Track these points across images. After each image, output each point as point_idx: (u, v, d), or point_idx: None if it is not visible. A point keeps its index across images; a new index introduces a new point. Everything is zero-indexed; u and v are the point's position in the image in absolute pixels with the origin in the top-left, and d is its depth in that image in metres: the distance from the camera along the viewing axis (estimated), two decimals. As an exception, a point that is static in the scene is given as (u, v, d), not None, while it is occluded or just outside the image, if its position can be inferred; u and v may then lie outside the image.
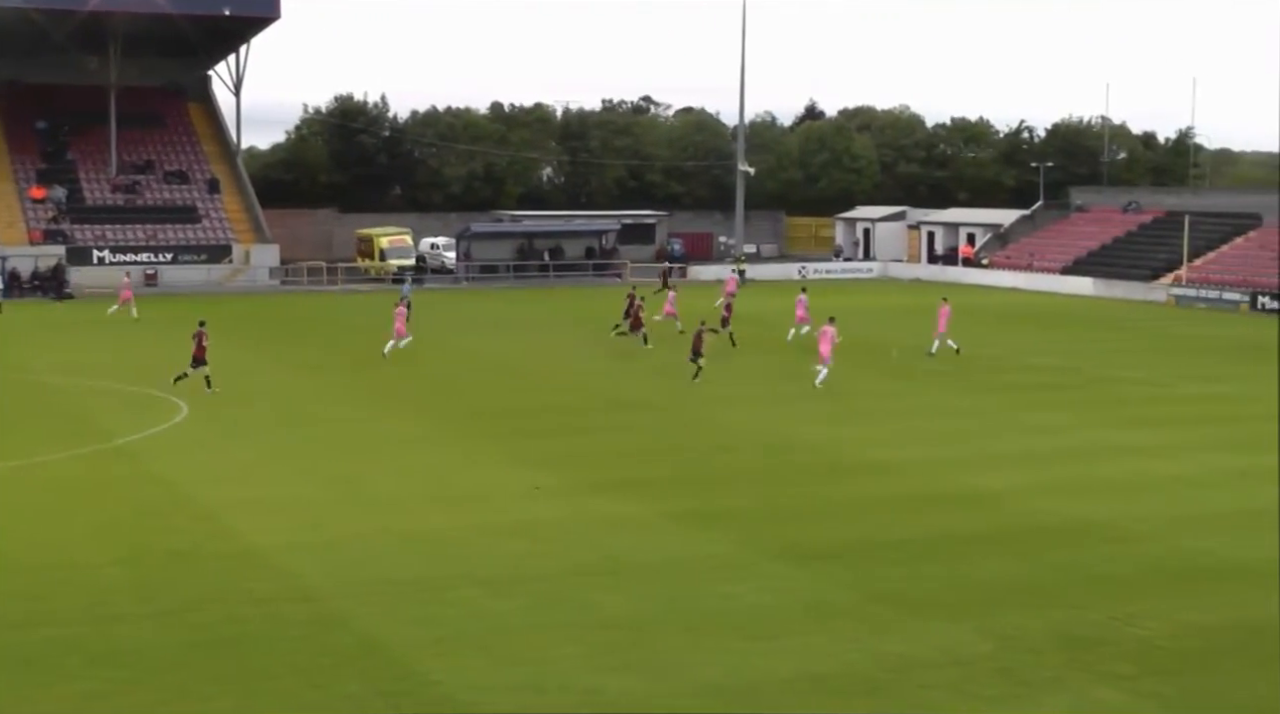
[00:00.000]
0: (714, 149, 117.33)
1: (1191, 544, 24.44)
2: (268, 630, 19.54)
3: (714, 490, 28.65)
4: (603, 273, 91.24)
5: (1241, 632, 19.62)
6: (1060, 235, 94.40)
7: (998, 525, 25.76)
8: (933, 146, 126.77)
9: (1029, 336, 56.83)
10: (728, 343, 50.65)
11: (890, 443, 33.95)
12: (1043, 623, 19.90)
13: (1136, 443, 34.27)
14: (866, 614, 20.28)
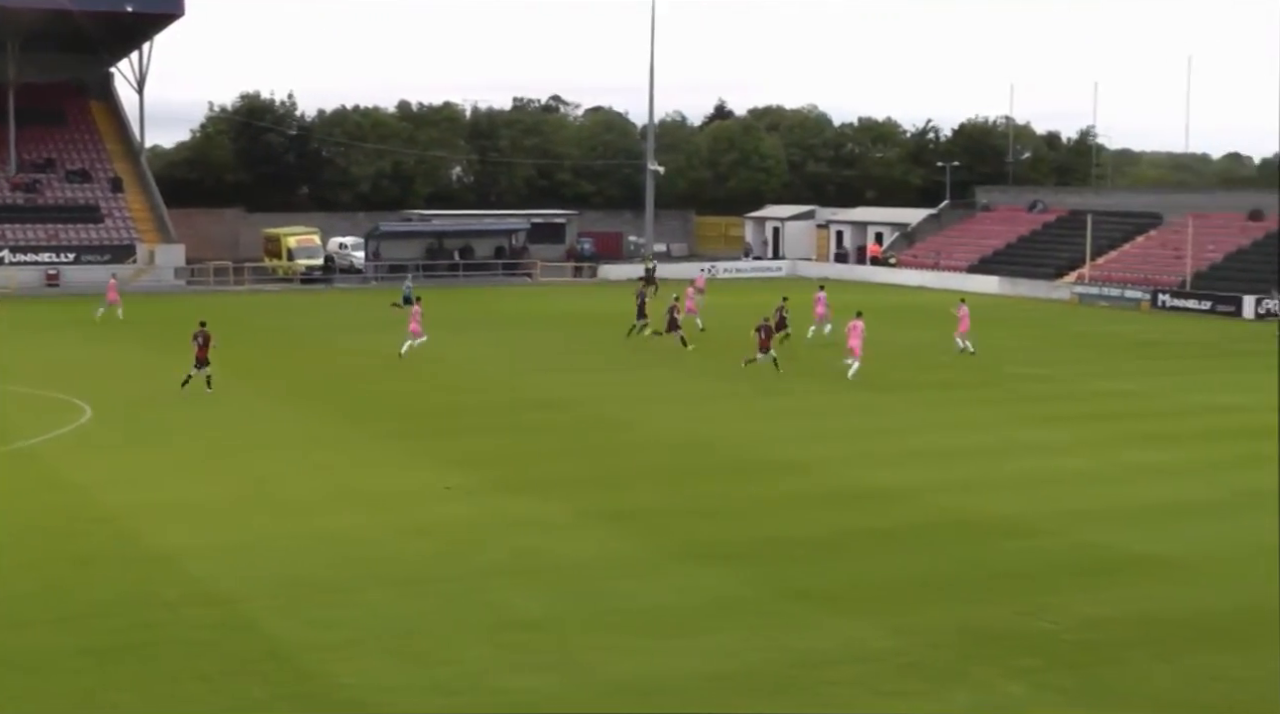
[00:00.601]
0: (623, 148, 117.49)
1: (1095, 538, 24.85)
2: (174, 635, 19.35)
3: (625, 489, 28.72)
4: (513, 272, 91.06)
5: (1144, 624, 19.97)
6: (966, 234, 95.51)
7: (904, 522, 26.04)
8: (840, 146, 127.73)
9: (936, 335, 57.35)
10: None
11: (799, 441, 34.20)
12: (948, 618, 20.16)
13: (1042, 439, 34.78)
14: (774, 611, 20.44)
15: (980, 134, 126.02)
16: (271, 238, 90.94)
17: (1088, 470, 30.98)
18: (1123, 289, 76.09)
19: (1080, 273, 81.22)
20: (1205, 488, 29.21)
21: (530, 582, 21.96)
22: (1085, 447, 33.80)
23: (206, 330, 40.80)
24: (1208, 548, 24.27)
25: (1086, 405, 40.42)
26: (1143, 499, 28.09)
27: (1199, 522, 26.23)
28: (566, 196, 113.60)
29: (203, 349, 40.36)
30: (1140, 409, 39.85)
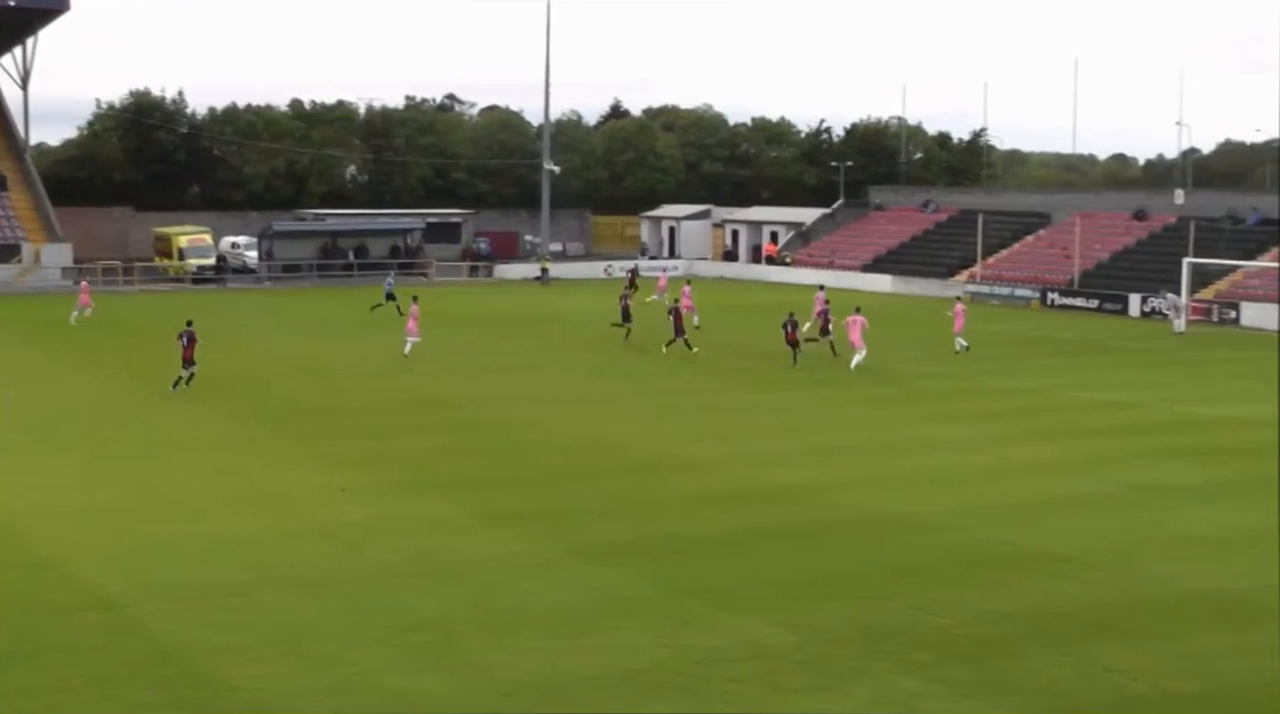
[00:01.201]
0: (519, 147, 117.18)
1: (989, 534, 25.16)
2: (65, 641, 18.96)
3: (523, 489, 28.62)
4: (408, 272, 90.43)
5: (1037, 618, 20.24)
6: (860, 233, 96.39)
7: (802, 519, 26.20)
8: (736, 146, 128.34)
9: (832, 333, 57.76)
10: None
11: (698, 440, 34.29)
12: (847, 614, 20.30)
13: (936, 436, 35.16)
14: (673, 609, 20.46)
15: (873, 134, 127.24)
16: (162, 237, 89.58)
17: (982, 467, 31.36)
18: (1013, 288, 77.19)
19: (972, 272, 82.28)
20: (1095, 483, 29.69)
21: (428, 583, 21.81)
22: (979, 443, 34.22)
23: (192, 330, 41.13)
24: (1098, 542, 24.66)
25: (980, 402, 40.92)
26: (1035, 495, 28.49)
27: (1089, 516, 26.64)
28: (462, 196, 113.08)
29: (188, 349, 40.67)
30: (1032, 406, 40.43)
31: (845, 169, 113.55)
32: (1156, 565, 23.17)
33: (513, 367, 48.17)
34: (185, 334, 41.04)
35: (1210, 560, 23.58)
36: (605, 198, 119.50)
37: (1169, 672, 18.10)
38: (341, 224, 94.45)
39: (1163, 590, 21.69)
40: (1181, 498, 28.33)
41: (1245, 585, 21.95)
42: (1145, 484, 29.54)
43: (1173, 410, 39.69)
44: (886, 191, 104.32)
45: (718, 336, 54.45)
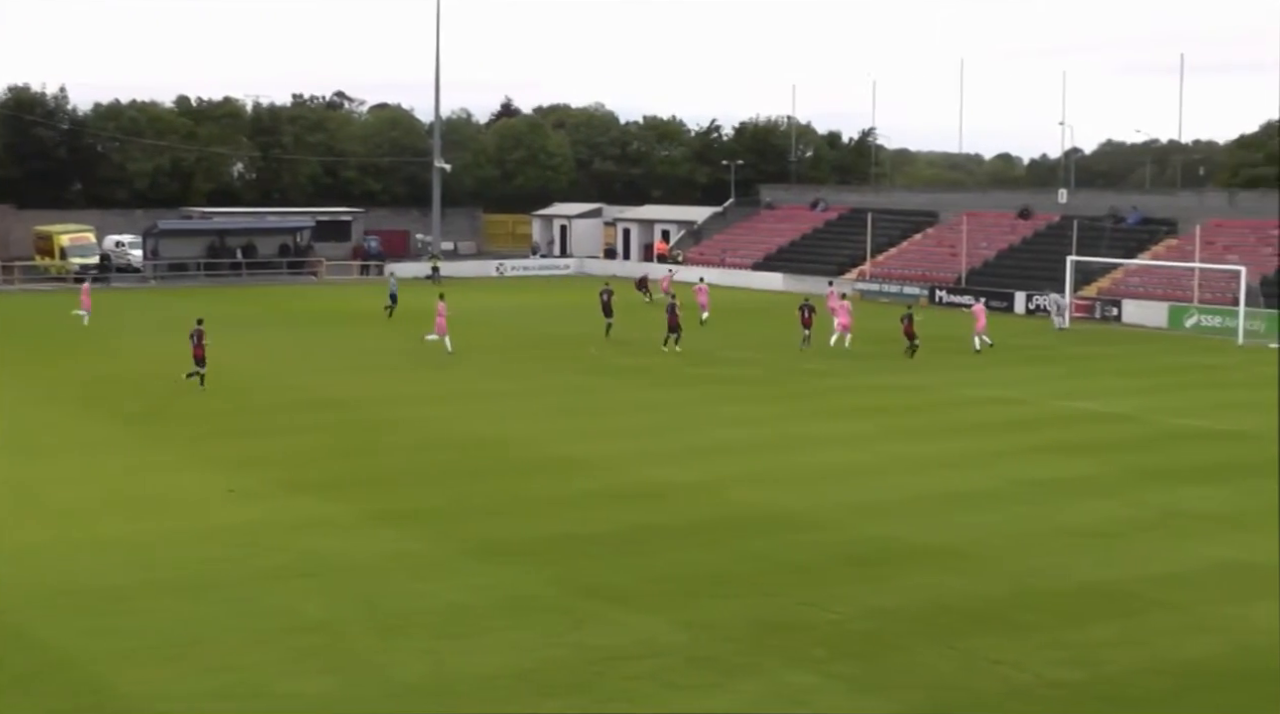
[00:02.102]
0: (410, 146, 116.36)
1: (876, 530, 25.40)
2: (-60, 649, 18.51)
3: (411, 488, 28.44)
4: (298, 271, 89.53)
5: (924, 611, 20.47)
6: (751, 232, 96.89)
7: (692, 517, 26.27)
8: (627, 144, 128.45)
9: (722, 332, 58.10)
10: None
11: (588, 438, 34.27)
12: (736, 611, 20.39)
13: (824, 434, 35.44)
14: (566, 608, 20.43)
15: (763, 133, 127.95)
16: (43, 235, 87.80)
17: (869, 463, 31.66)
18: (902, 286, 78.02)
19: (861, 270, 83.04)
20: (981, 478, 30.09)
21: (317, 584, 21.58)
22: (867, 440, 34.55)
23: (202, 328, 41.72)
24: (984, 536, 24.99)
25: (868, 399, 41.30)
26: (922, 490, 28.81)
27: (975, 511, 26.99)
28: (352, 194, 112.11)
29: (199, 347, 41.25)
30: (920, 403, 40.88)
31: (736, 168, 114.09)
32: (1042, 558, 23.54)
33: (403, 365, 47.83)
34: (196, 332, 41.61)
35: (1094, 552, 23.99)
36: (496, 196, 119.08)
37: (1054, 662, 18.39)
38: (229, 222, 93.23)
39: (1048, 582, 22.04)
40: (1066, 492, 28.80)
41: (1128, 576, 22.37)
42: (1030, 479, 29.99)
43: (1057, 406, 40.33)
44: (777, 190, 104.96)
45: (596, 331, 54.46)
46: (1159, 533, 25.46)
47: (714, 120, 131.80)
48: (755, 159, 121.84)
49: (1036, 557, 23.65)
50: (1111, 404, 40.59)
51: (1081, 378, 46.53)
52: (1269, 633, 19.62)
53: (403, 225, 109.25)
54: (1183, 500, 28.06)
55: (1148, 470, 31.08)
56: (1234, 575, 22.59)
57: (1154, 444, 34.50)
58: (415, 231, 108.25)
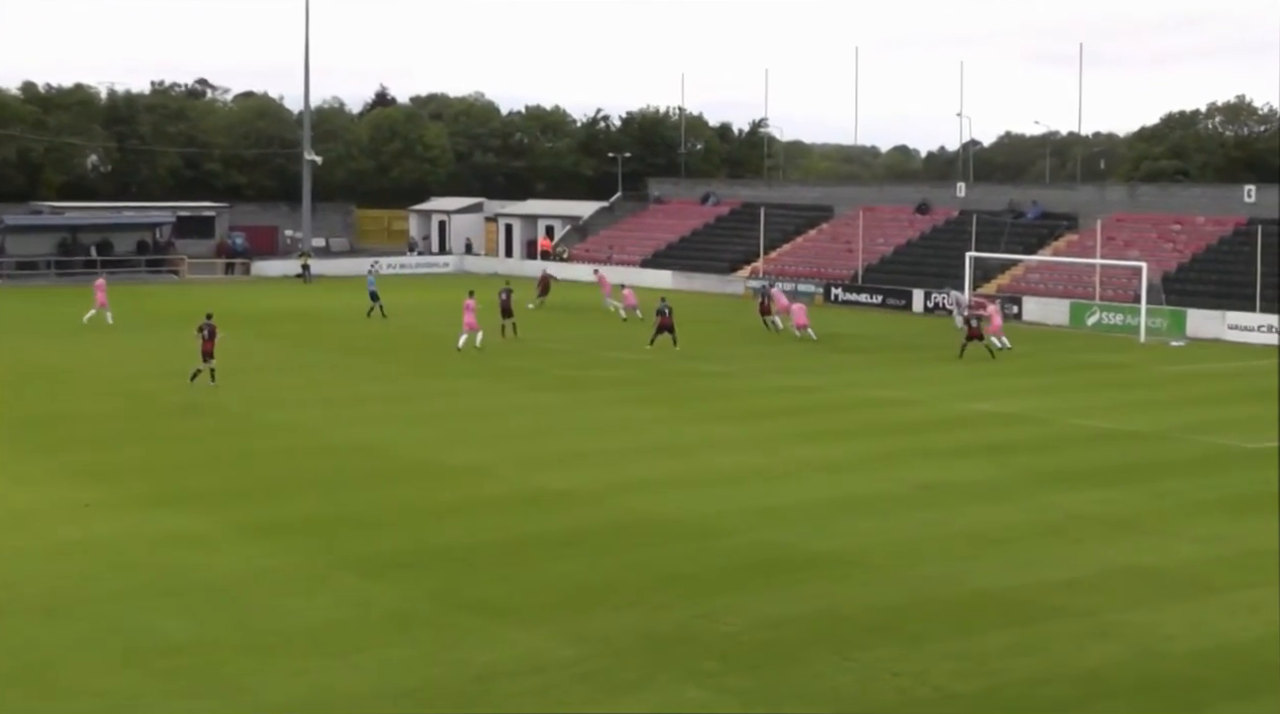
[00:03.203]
0: (278, 136, 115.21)
1: (770, 537, 25.65)
2: None
3: (284, 499, 28.23)
4: (157, 269, 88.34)
5: (821, 622, 20.72)
6: (639, 227, 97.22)
7: (580, 526, 26.36)
8: (509, 135, 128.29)
9: (607, 331, 58.27)
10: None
11: (469, 444, 34.24)
12: (625, 624, 20.50)
13: (716, 436, 35.70)
14: (446, 624, 20.42)
15: (652, 124, 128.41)
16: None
17: (763, 467, 31.95)
18: (796, 283, 78.68)
19: (754, 267, 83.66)
20: (878, 482, 30.50)
21: (183, 602, 21.38)
22: (760, 443, 34.86)
23: (213, 322, 42.61)
24: (881, 542, 25.35)
25: (760, 401, 41.67)
26: (816, 495, 29.13)
27: (872, 516, 27.35)
28: (216, 188, 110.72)
29: (209, 342, 42.01)
30: (814, 404, 41.32)
31: (623, 160, 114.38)
32: (939, 565, 23.93)
33: (272, 368, 47.43)
34: (206, 327, 42.36)
35: (993, 558, 24.42)
36: (371, 190, 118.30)
37: (954, 673, 18.72)
38: (82, 218, 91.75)
39: (947, 590, 22.41)
40: (964, 496, 29.28)
41: (1027, 582, 22.79)
42: (928, 482, 30.46)
43: (955, 407, 40.98)
44: (666, 184, 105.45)
45: (489, 336, 54.40)
46: (1059, 537, 25.99)
47: (600, 110, 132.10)
48: (643, 151, 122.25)
49: (934, 563, 24.04)
50: (1011, 405, 41.31)
51: (981, 378, 47.29)
52: (1174, 639, 20.12)
53: (270, 221, 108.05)
54: (1084, 504, 28.65)
55: (1048, 473, 31.70)
56: (1137, 580, 23.11)
57: (1054, 446, 35.18)
58: (284, 228, 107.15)
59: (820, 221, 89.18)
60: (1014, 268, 73.86)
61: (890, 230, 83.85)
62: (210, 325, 42.62)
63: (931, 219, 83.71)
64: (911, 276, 75.63)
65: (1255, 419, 39.42)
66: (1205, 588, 22.70)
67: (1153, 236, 73.28)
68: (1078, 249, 73.60)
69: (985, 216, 77.31)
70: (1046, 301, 67.86)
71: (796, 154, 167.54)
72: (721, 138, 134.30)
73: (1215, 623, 20.90)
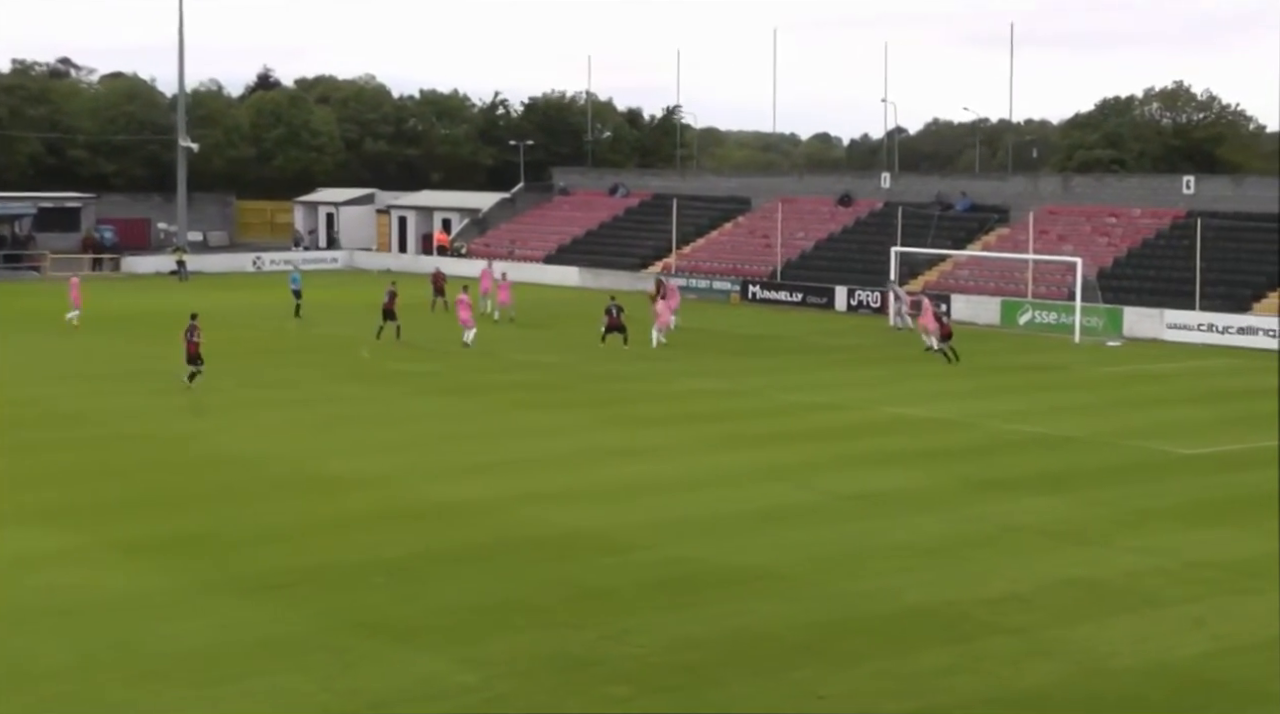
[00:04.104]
0: (150, 121, 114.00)
1: (685, 551, 25.65)
2: None
3: (161, 515, 27.89)
4: (16, 266, 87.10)
5: (741, 641, 20.73)
6: (543, 220, 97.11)
7: (483, 540, 26.24)
8: (402, 122, 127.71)
9: (512, 333, 58.13)
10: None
11: (362, 453, 34.02)
12: (531, 645, 20.41)
13: (628, 445, 35.69)
14: (338, 647, 20.25)
15: (556, 110, 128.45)
16: None
17: (677, 477, 31.96)
18: (711, 280, 78.92)
19: (666, 263, 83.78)
20: (801, 492, 30.62)
21: (55, 626, 21.06)
22: (674, 452, 34.89)
23: (196, 323, 42.93)
24: (806, 556, 25.42)
25: (675, 407, 41.71)
26: (735, 506, 29.17)
27: (795, 528, 27.42)
28: (81, 177, 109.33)
29: (194, 343, 42.32)
30: (733, 409, 41.42)
31: (525, 149, 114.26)
32: (867, 580, 24.03)
33: (148, 374, 46.84)
34: (190, 328, 42.61)
35: (924, 572, 24.56)
36: (252, 180, 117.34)
37: (885, 693, 18.80)
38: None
39: (876, 606, 22.51)
40: (893, 506, 29.45)
41: (961, 597, 22.95)
42: (854, 492, 30.60)
43: (882, 412, 41.22)
44: (572, 174, 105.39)
45: (387, 337, 54.12)
46: (994, 549, 26.19)
47: (500, 95, 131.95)
48: (547, 139, 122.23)
49: (862, 578, 24.13)
50: (941, 409, 41.62)
51: (909, 381, 47.63)
52: (1116, 656, 20.32)
53: (142, 213, 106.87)
54: (1019, 513, 28.91)
55: (981, 481, 31.96)
56: (1076, 594, 23.33)
57: (987, 452, 35.49)
58: (157, 220, 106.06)
59: (736, 214, 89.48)
60: (942, 263, 74.48)
61: (811, 223, 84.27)
62: (194, 326, 42.80)
63: (855, 211, 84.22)
64: (834, 273, 76.03)
65: (1196, 423, 40.02)
66: (1148, 601, 22.98)
67: (1087, 230, 74.20)
68: (1009, 244, 74.33)
69: (911, 209, 77.87)
70: (976, 299, 68.47)
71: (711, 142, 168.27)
72: (631, 124, 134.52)
73: (1159, 638, 21.15)
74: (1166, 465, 34.26)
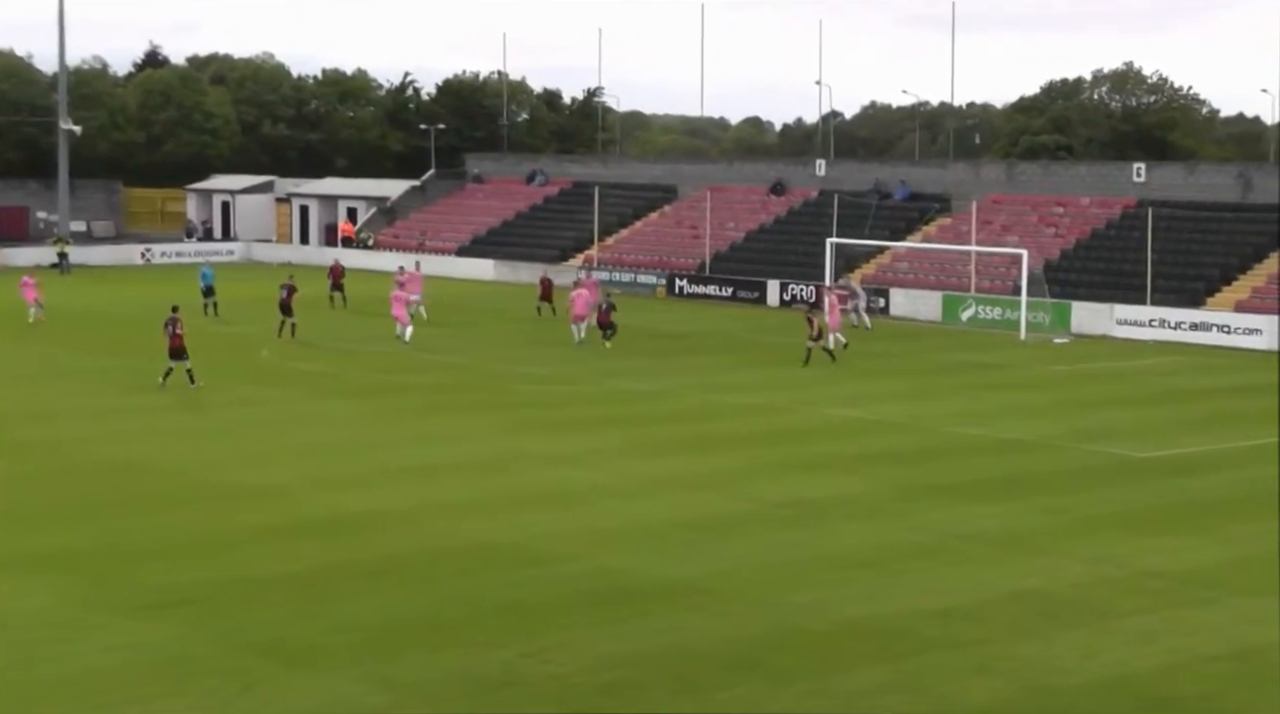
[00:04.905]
0: (27, 102, 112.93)
1: (609, 563, 25.67)
2: None
3: (41, 527, 27.64)
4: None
5: (669, 659, 20.75)
6: (456, 210, 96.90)
7: (384, 553, 26.15)
8: (303, 104, 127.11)
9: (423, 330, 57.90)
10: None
11: (257, 461, 33.85)
12: (444, 665, 20.37)
13: (545, 449, 35.65)
14: (236, 669, 20.12)
15: (469, 92, 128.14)
16: None
17: (600, 484, 31.98)
18: (636, 273, 78.95)
19: (588, 255, 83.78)
20: (730, 500, 30.68)
21: (-77, 649, 20.81)
22: (597, 456, 34.89)
23: (178, 316, 43.35)
24: (736, 567, 25.49)
25: (594, 409, 41.75)
26: (661, 515, 29.21)
27: (725, 539, 27.49)
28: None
29: (177, 338, 42.77)
30: (657, 412, 41.47)
31: (437, 133, 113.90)
32: (802, 592, 24.12)
33: (25, 376, 46.40)
34: (171, 321, 43.10)
35: (862, 584, 24.68)
36: (141, 165, 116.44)
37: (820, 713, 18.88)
38: None
39: (810, 621, 22.60)
40: (828, 514, 29.58)
41: (901, 610, 23.09)
42: (787, 500, 30.69)
43: (816, 413, 41.39)
44: (486, 160, 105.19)
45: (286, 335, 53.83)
46: (935, 559, 26.34)
47: (408, 76, 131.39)
48: (460, 123, 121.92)
49: (796, 591, 24.21)
50: (879, 410, 41.84)
51: (845, 381, 47.83)
52: (1065, 672, 20.48)
53: (20, 201, 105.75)
54: (962, 521, 29.09)
55: (921, 487, 32.14)
56: (1025, 606, 23.51)
57: (929, 456, 35.69)
58: (36, 209, 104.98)
59: (662, 203, 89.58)
60: (880, 256, 74.85)
61: (741, 213, 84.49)
62: (176, 318, 43.10)
63: (788, 201, 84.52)
64: (765, 266, 76.28)
65: (1147, 425, 40.41)
66: (1097, 614, 23.18)
67: (1033, 220, 74.80)
68: (950, 235, 74.84)
69: (848, 198, 78.26)
70: (916, 294, 68.87)
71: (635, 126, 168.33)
72: (550, 107, 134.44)
73: (1110, 653, 21.35)
74: (1118, 469, 34.57)
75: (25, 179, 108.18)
